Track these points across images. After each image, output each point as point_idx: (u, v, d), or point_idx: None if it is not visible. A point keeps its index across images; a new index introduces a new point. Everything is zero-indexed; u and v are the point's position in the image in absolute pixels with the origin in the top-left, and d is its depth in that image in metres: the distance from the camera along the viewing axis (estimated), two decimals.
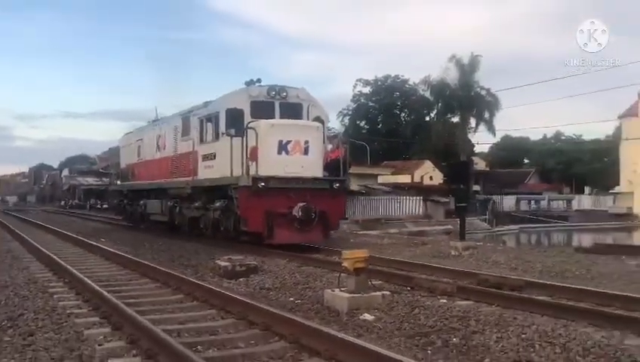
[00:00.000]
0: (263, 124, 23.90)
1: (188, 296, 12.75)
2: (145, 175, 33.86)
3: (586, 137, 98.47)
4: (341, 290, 11.73)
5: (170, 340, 8.42)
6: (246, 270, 16.26)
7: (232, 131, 24.14)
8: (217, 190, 25.60)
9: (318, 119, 25.87)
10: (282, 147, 24.11)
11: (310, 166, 24.38)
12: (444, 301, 11.99)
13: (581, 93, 70.78)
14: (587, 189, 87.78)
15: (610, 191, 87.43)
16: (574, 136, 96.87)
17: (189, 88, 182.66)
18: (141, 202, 34.30)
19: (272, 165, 23.61)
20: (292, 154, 24.18)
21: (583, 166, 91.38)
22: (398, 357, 7.40)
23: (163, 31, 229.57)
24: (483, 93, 79.64)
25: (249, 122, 24.03)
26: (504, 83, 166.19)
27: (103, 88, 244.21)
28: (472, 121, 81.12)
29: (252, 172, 23.36)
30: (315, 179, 24.49)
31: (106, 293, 12.09)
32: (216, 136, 25.42)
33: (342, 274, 12.07)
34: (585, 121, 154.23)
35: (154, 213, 32.42)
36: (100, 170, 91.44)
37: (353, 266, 11.55)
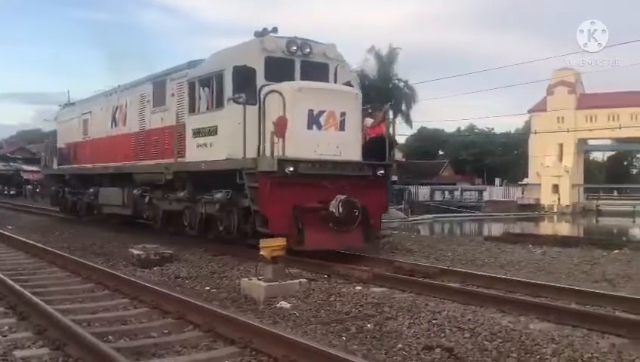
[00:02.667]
0: (287, 87, 15.81)
1: (99, 285, 11.78)
2: (95, 156, 24.85)
3: (498, 130, 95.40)
4: (258, 279, 11.03)
5: (79, 330, 7.79)
6: (161, 259, 14.96)
7: (243, 98, 15.92)
8: (217, 177, 17.29)
9: (348, 85, 17.38)
10: (313, 120, 16.24)
11: (347, 146, 16.64)
12: (360, 288, 11.63)
13: (492, 87, 68.64)
14: (498, 180, 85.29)
15: (520, 183, 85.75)
16: (487, 129, 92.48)
17: (106, 71, 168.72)
18: (90, 190, 25.01)
19: (301, 144, 15.82)
20: (325, 130, 16.33)
21: (495, 158, 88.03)
22: (312, 343, 7.17)
23: (78, 9, 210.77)
24: (401, 85, 74.43)
25: (264, 85, 16.36)
26: (422, 76, 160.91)
27: (11, 68, 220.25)
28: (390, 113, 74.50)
29: (278, 152, 15.15)
30: (356, 163, 16.48)
31: (10, 282, 11.03)
32: (218, 104, 17.10)
33: (259, 263, 11.24)
34: (497, 115, 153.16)
35: (110, 205, 23.52)
36: (8, 155, 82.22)
37: (271, 254, 11.00)
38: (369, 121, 17.34)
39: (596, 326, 8.76)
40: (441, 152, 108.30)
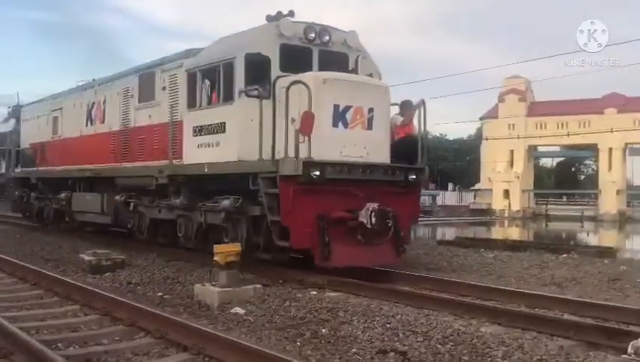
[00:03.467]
0: (312, 77, 13.30)
1: (48, 292, 11.23)
2: (67, 158, 21.69)
3: (451, 137, 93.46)
4: (212, 284, 10.69)
5: (26, 338, 7.48)
6: (112, 264, 14.12)
7: (259, 90, 13.62)
8: (221, 181, 14.83)
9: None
10: (339, 116, 13.71)
11: (375, 147, 14.17)
12: (315, 293, 11.37)
13: (444, 95, 67.49)
14: (451, 186, 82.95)
15: (472, 188, 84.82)
16: (440, 135, 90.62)
17: (54, 72, 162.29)
18: (61, 195, 21.70)
19: (326, 144, 13.29)
20: (351, 128, 13.81)
21: (448, 163, 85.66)
22: (265, 349, 7.09)
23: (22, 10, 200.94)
24: None
25: (280, 76, 13.98)
26: None
27: None
28: None
29: (303, 153, 12.55)
30: (387, 167, 13.99)
31: None
32: (226, 98, 14.38)
33: (213, 268, 10.88)
34: (448, 122, 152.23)
35: (85, 212, 20.25)
36: None
37: (225, 260, 10.72)
38: (398, 118, 14.68)
39: (545, 328, 8.80)
40: None
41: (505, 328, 8.94)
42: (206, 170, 14.60)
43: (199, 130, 14.89)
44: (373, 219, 13.10)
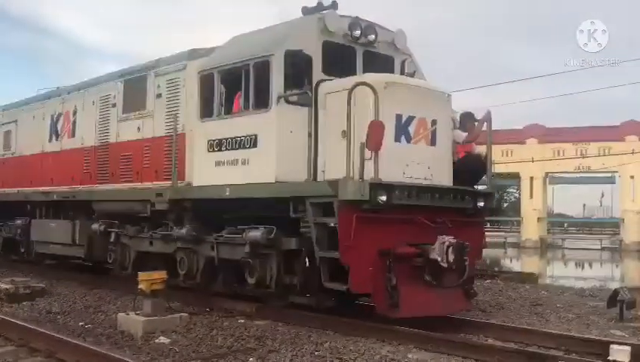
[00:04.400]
0: (374, 80, 10.42)
1: None
2: (23, 178, 17.90)
3: None
4: (136, 313, 10.04)
5: None
6: (31, 293, 12.99)
7: (306, 94, 10.97)
8: (248, 207, 11.37)
9: None
10: (402, 128, 10.84)
11: (439, 166, 11.36)
12: (243, 321, 10.77)
13: None
14: None
15: None
16: None
17: None
18: (16, 222, 17.62)
19: (388, 162, 10.27)
20: (415, 143, 10.95)
21: None
22: None
23: None
24: None
25: (322, 80, 11.24)
26: None
27: None
28: None
29: (369, 174, 9.65)
30: (456, 191, 11.14)
31: None
32: (258, 104, 11.32)
33: (138, 297, 10.20)
34: None
35: (50, 242, 16.27)
36: None
37: (150, 288, 10.06)
38: (460, 134, 11.74)
39: (470, 354, 8.66)
40: None
41: (432, 354, 8.78)
42: (227, 193, 11.34)
43: (217, 145, 11.67)
44: (451, 256, 10.08)
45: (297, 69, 10.93)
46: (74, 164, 15.78)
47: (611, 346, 8.71)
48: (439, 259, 10.23)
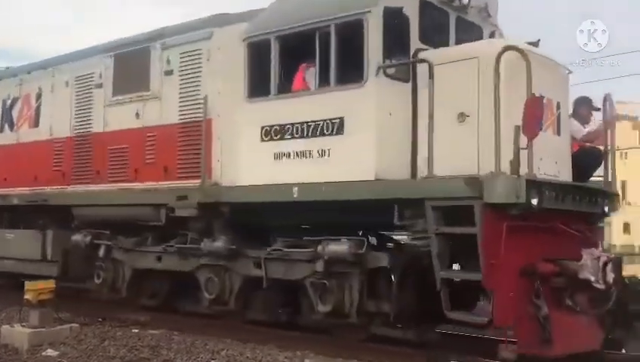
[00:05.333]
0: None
1: None
2: None
3: None
4: (22, 325, 9.14)
5: None
6: None
7: (401, 68, 8.29)
8: (319, 213, 8.63)
9: None
10: None
11: (564, 161, 8.68)
12: (137, 331, 9.79)
13: None
14: None
15: None
16: None
17: None
18: None
19: (525, 155, 7.27)
20: (544, 132, 7.99)
21: None
22: None
23: None
24: None
25: (420, 49, 8.41)
26: None
27: None
28: None
29: (524, 169, 7.06)
30: (591, 192, 8.52)
31: None
32: (345, 79, 8.31)
33: (24, 308, 9.32)
34: None
35: (7, 258, 12.42)
36: None
37: (37, 298, 9.16)
38: (578, 128, 9.12)
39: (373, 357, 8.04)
40: None
41: (330, 358, 8.07)
42: (295, 195, 8.21)
43: (277, 132, 8.64)
44: (610, 276, 7.50)
45: (396, 33, 8.10)
46: (38, 161, 12.23)
47: None
48: (592, 279, 7.56)
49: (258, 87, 8.94)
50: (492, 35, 9.78)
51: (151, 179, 10.38)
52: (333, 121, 8.17)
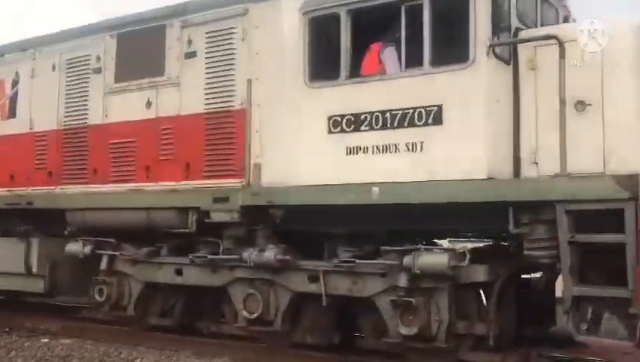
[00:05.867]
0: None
1: None
2: None
3: None
4: None
5: None
6: None
7: (505, 48, 6.90)
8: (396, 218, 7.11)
9: None
10: None
11: None
12: (47, 340, 9.21)
13: None
14: None
15: None
16: None
17: None
18: None
19: None
20: None
21: None
22: None
23: None
24: None
25: (519, 28, 7.09)
26: None
27: None
28: None
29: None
30: None
31: None
32: (446, 58, 6.89)
33: None
34: None
35: None
36: None
37: None
38: None
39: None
40: None
41: None
42: (375, 197, 6.76)
43: (350, 123, 7.18)
44: None
45: (503, 8, 6.74)
46: (15, 157, 10.24)
47: None
48: None
49: (323, 69, 7.45)
50: (566, 20, 8.61)
51: (168, 178, 8.73)
52: (428, 109, 6.75)
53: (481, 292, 7.19)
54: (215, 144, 8.33)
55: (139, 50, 9.17)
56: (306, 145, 7.47)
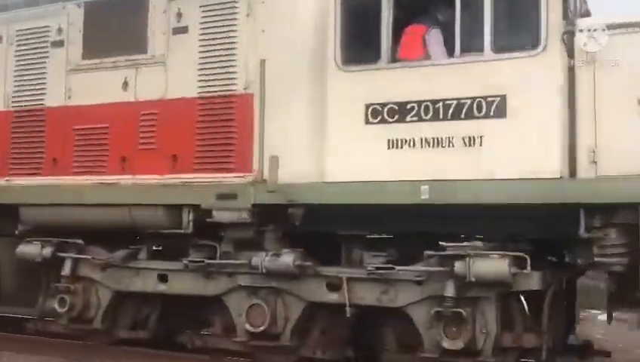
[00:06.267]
0: None
1: None
2: None
3: None
4: None
5: None
6: None
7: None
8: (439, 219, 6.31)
9: None
10: None
11: None
12: None
13: None
14: None
15: None
16: None
17: None
18: None
19: None
20: None
21: None
22: None
23: None
24: None
25: None
26: None
27: None
28: None
29: None
30: None
31: None
32: (512, 43, 6.10)
33: None
34: None
35: None
36: None
37: None
38: None
39: None
40: None
41: None
42: (425, 196, 6.00)
43: (393, 113, 6.30)
44: None
45: None
46: None
47: None
48: None
49: (359, 51, 6.50)
50: (587, 14, 8.09)
51: (149, 170, 7.48)
52: (489, 99, 5.98)
53: (523, 300, 6.48)
54: (211, 133, 7.20)
55: (114, 22, 7.87)
56: (336, 137, 6.50)
